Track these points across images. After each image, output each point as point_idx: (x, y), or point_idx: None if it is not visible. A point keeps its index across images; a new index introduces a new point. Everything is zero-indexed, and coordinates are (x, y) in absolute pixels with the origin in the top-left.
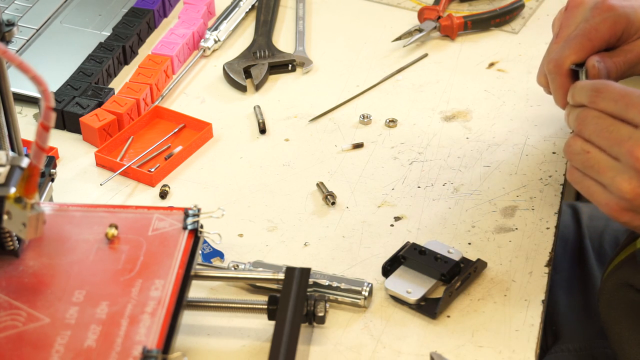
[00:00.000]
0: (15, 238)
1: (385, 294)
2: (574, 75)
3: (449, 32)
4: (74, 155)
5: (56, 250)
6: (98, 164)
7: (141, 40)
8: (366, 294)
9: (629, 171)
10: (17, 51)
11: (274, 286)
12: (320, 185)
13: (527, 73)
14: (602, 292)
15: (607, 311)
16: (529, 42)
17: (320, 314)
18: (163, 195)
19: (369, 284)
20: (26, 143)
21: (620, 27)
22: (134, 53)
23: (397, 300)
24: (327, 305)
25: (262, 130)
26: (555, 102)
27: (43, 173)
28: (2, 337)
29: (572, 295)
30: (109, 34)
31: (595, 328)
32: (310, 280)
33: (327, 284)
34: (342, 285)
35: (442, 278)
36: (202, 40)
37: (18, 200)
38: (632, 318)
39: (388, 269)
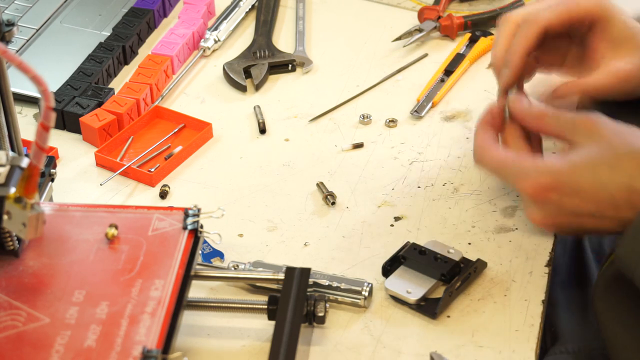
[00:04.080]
0: (15, 238)
1: (385, 294)
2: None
3: (449, 32)
4: (74, 155)
5: (56, 250)
6: (98, 164)
7: (141, 40)
8: (366, 294)
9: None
10: (17, 51)
11: (274, 286)
12: (320, 185)
13: None
14: (596, 286)
15: (599, 304)
16: None
17: (320, 314)
18: (163, 195)
19: (369, 284)
20: (26, 143)
21: (588, 21)
22: (134, 53)
23: (397, 300)
24: (327, 305)
25: (262, 130)
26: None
27: (43, 173)
28: (2, 337)
29: (570, 296)
30: (109, 34)
31: (593, 329)
32: (310, 280)
33: (327, 284)
34: (342, 285)
35: (442, 278)
36: (202, 40)
37: (18, 200)
38: (624, 311)
39: (388, 269)
